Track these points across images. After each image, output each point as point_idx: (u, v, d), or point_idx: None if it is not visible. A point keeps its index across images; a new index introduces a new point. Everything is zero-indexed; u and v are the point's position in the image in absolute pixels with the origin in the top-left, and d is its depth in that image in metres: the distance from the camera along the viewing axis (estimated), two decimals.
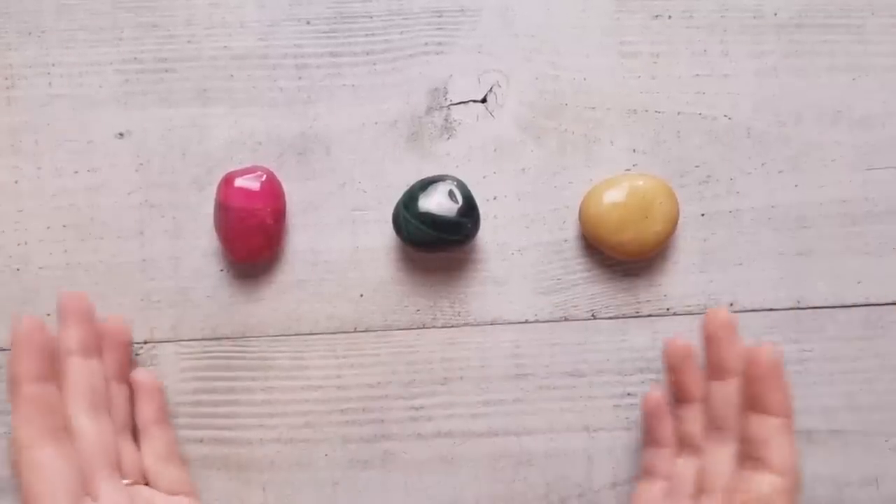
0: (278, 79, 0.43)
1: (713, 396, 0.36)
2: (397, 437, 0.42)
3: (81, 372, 0.36)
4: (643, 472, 0.39)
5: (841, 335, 0.43)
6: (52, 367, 0.34)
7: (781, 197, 0.43)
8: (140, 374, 0.39)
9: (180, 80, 0.43)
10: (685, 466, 0.37)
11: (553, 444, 0.42)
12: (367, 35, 0.43)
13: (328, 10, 0.43)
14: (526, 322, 0.43)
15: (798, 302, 0.43)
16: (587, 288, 0.43)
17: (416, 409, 0.42)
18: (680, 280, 0.43)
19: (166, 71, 0.43)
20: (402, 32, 0.43)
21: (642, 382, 0.42)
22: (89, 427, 0.34)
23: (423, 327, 0.43)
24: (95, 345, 0.37)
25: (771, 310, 0.43)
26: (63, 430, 0.33)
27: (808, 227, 0.43)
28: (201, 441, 0.42)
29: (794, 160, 0.43)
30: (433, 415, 0.42)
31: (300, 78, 0.43)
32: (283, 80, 0.43)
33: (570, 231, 0.43)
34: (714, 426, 0.36)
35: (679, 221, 0.42)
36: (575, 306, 0.43)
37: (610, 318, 0.43)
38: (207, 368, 0.42)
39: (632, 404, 0.42)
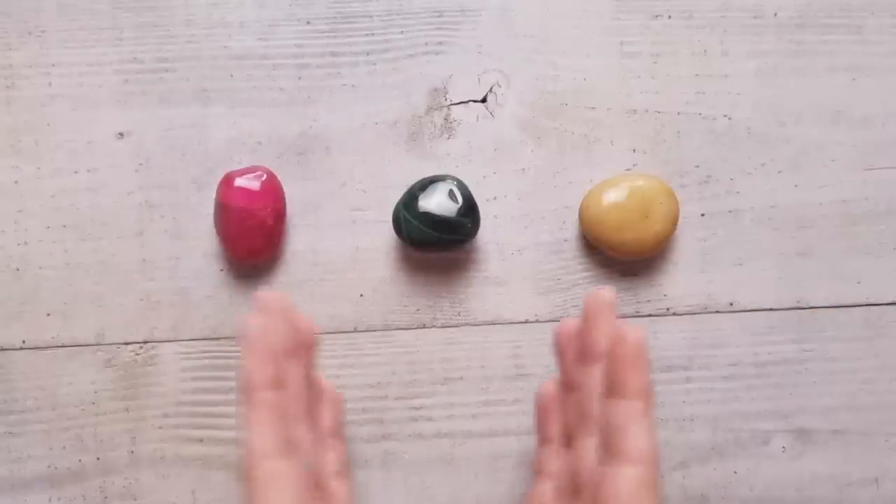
0: (278, 79, 0.43)
1: (583, 382, 0.32)
2: (397, 437, 0.42)
3: (296, 379, 0.32)
4: (535, 472, 0.35)
5: (841, 335, 0.43)
6: (283, 370, 0.31)
7: (781, 197, 0.43)
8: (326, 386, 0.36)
9: (180, 80, 0.43)
10: (568, 461, 0.33)
11: None
12: (367, 35, 0.43)
13: (328, 10, 0.43)
14: (526, 322, 0.43)
15: (798, 302, 0.43)
16: (587, 288, 0.43)
17: (416, 409, 0.42)
18: (680, 280, 0.43)
19: (166, 71, 0.43)
20: (402, 32, 0.43)
21: None
22: (306, 438, 0.32)
23: (423, 327, 0.43)
24: (296, 348, 0.33)
25: (771, 310, 0.43)
26: (292, 442, 0.30)
27: (808, 227, 0.43)
28: (201, 441, 0.42)
29: (794, 160, 0.43)
30: (433, 415, 0.42)
31: (300, 78, 0.43)
32: (283, 80, 0.43)
33: (570, 231, 0.43)
34: (582, 414, 0.32)
35: (679, 221, 0.42)
36: (575, 306, 0.43)
37: None
38: (207, 368, 0.42)
39: None
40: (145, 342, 0.42)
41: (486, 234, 0.43)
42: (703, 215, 0.43)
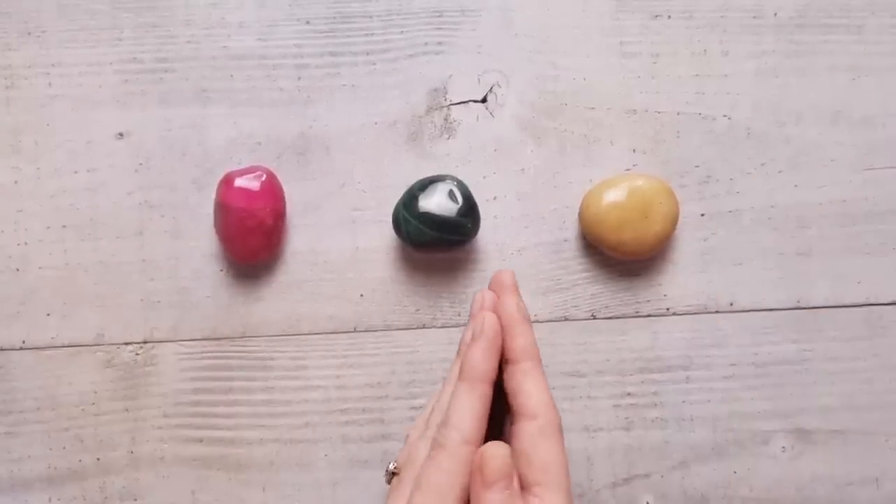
0: (278, 79, 0.43)
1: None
2: (397, 437, 0.42)
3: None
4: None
5: (841, 335, 0.43)
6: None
7: (781, 197, 0.43)
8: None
9: (180, 80, 0.43)
10: None
11: None
12: (366, 35, 0.43)
13: (328, 10, 0.43)
14: None
15: (798, 302, 0.43)
16: (587, 288, 0.43)
17: (416, 409, 0.42)
18: (680, 280, 0.43)
19: (166, 71, 0.43)
20: (402, 32, 0.43)
21: (642, 382, 0.42)
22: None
23: (423, 327, 0.43)
24: None
25: (771, 310, 0.43)
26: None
27: (808, 227, 0.43)
28: (201, 441, 0.42)
29: (794, 160, 0.43)
30: None
31: (300, 78, 0.43)
32: (283, 80, 0.43)
33: (570, 231, 0.43)
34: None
35: (679, 221, 0.42)
36: (575, 306, 0.43)
37: (610, 318, 0.43)
38: (207, 368, 0.42)
39: (632, 404, 0.42)
40: (145, 342, 0.42)
41: (486, 234, 0.43)
42: (703, 215, 0.43)
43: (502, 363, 0.34)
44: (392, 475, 0.34)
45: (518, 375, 0.33)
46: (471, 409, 0.31)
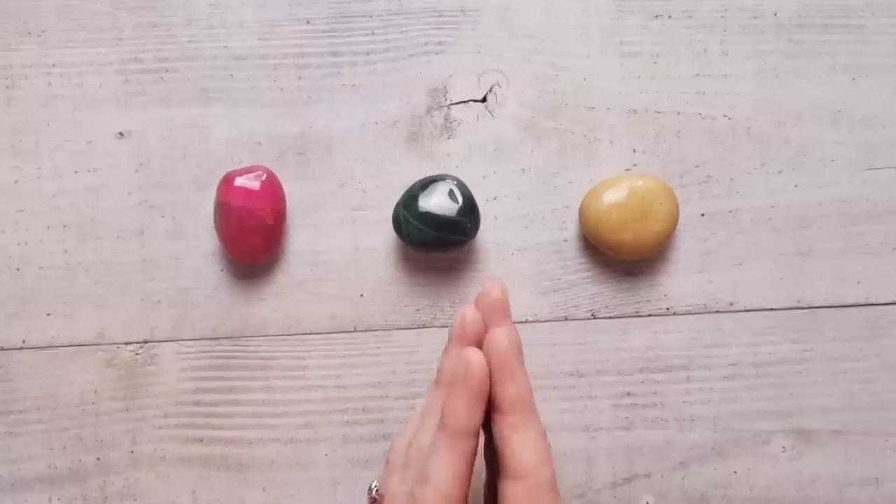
0: (278, 79, 0.43)
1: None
2: (397, 436, 0.42)
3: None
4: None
5: (841, 335, 0.43)
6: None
7: (781, 197, 0.43)
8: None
9: (180, 80, 0.43)
10: None
11: (553, 444, 0.42)
12: (367, 35, 0.43)
13: (328, 10, 0.43)
14: (526, 322, 0.43)
15: (798, 302, 0.43)
16: (587, 288, 0.43)
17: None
18: (680, 280, 0.43)
19: (166, 71, 0.43)
20: (402, 32, 0.43)
21: (642, 382, 0.42)
22: None
23: (423, 327, 0.43)
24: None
25: (771, 310, 0.43)
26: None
27: (808, 227, 0.43)
28: (201, 441, 0.42)
29: (794, 160, 0.43)
30: None
31: (300, 78, 0.43)
32: (283, 80, 0.43)
33: (570, 231, 0.43)
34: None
35: (679, 221, 0.42)
36: (575, 306, 0.43)
37: (610, 318, 0.43)
38: (207, 368, 0.42)
39: (632, 404, 0.42)
40: (145, 342, 0.42)
41: (486, 234, 0.43)
42: (703, 215, 0.43)
43: (490, 409, 0.30)
44: (374, 501, 0.33)
45: (506, 430, 0.29)
46: (451, 467, 0.28)
